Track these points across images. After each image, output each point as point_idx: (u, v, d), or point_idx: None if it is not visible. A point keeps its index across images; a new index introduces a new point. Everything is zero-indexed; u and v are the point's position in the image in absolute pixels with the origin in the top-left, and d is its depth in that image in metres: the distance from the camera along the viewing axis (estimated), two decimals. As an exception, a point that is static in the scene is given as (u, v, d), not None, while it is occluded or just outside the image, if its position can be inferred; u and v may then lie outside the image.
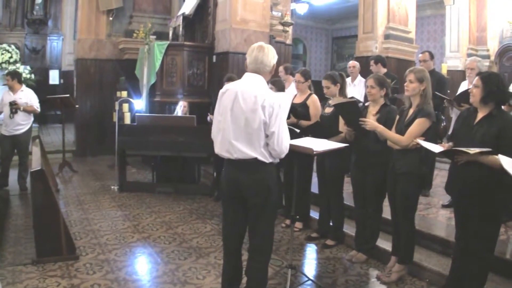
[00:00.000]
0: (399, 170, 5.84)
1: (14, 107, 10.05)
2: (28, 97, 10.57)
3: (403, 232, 5.97)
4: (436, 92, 6.27)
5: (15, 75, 10.74)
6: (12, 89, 10.52)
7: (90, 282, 5.88)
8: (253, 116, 4.54)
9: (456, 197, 5.37)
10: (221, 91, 4.95)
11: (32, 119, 10.77)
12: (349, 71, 11.13)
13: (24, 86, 10.89)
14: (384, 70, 9.99)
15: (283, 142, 4.61)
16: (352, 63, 11.27)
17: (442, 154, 5.01)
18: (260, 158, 4.63)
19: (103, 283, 5.86)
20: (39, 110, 10.84)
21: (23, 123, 10.39)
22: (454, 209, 5.47)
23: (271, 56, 4.80)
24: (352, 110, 6.26)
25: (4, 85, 10.86)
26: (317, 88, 8.09)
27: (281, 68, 10.15)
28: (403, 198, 5.87)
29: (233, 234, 5.04)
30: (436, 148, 4.99)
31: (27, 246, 6.99)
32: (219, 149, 4.86)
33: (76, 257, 6.59)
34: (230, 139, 4.70)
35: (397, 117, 6.08)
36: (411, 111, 5.82)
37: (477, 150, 4.47)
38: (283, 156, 4.73)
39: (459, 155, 4.66)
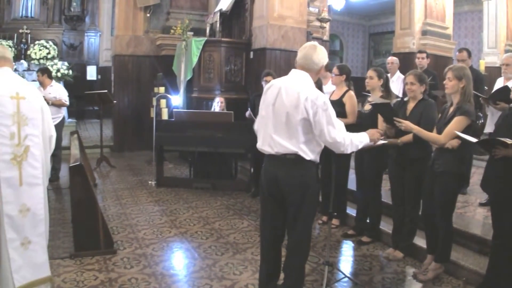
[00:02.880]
0: (438, 169, 5.78)
1: None
2: (57, 91, 10.86)
3: (441, 231, 5.91)
4: (473, 91, 6.22)
5: (45, 71, 11.03)
6: (42, 84, 10.82)
7: (127, 276, 5.93)
8: (294, 112, 4.56)
9: (491, 194, 5.32)
10: (266, 86, 5.04)
11: (62, 113, 11.10)
12: (387, 67, 11.04)
13: (53, 81, 11.16)
14: (426, 66, 10.00)
15: (335, 135, 4.58)
16: (390, 59, 11.19)
17: (479, 144, 4.98)
18: (301, 153, 4.63)
19: (140, 277, 5.90)
20: (67, 103, 11.13)
21: (53, 117, 10.34)
22: (490, 207, 5.42)
23: (321, 56, 4.81)
24: (387, 111, 6.23)
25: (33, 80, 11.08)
26: (356, 85, 8.05)
27: None
28: (442, 197, 5.80)
29: (270, 231, 5.06)
30: (473, 138, 4.95)
31: (65, 240, 7.06)
32: (261, 143, 4.92)
33: (114, 251, 6.65)
34: (271, 133, 4.75)
35: (439, 115, 6.03)
36: (451, 110, 5.76)
37: None
38: (342, 149, 4.71)
39: (496, 147, 4.60)
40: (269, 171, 4.88)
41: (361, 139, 4.90)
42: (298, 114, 4.54)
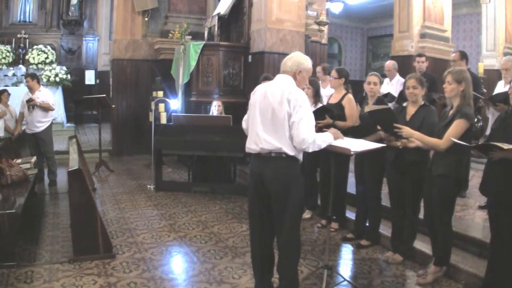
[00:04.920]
0: (436, 172, 5.79)
1: (31, 104, 10.61)
2: (44, 95, 11.05)
3: (440, 234, 5.91)
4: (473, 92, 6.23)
5: (35, 76, 11.25)
6: (31, 89, 10.99)
7: (126, 280, 5.92)
8: (279, 108, 4.77)
9: (490, 198, 5.31)
10: (252, 91, 5.22)
11: (51, 117, 11.26)
12: (386, 73, 10.98)
13: (42, 87, 11.35)
14: (425, 69, 9.96)
15: (303, 131, 4.71)
16: (388, 65, 11.06)
17: (475, 148, 4.97)
18: (285, 149, 4.79)
19: (139, 282, 5.89)
20: (54, 107, 11.28)
21: (42, 121, 10.89)
22: (488, 210, 5.41)
23: (295, 61, 5.10)
24: (386, 117, 6.19)
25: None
26: (354, 88, 8.04)
27: (319, 69, 10.15)
28: (440, 200, 5.80)
29: (259, 231, 5.18)
30: (469, 144, 4.98)
31: (64, 245, 7.07)
32: (248, 143, 5.08)
33: (113, 256, 6.64)
34: (257, 130, 4.92)
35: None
36: (451, 113, 5.76)
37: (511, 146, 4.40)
38: (304, 147, 4.79)
39: (493, 150, 4.59)
40: (254, 171, 5.03)
41: (324, 139, 4.98)
42: (282, 109, 4.75)
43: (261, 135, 4.87)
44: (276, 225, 5.03)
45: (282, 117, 4.76)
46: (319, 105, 7.94)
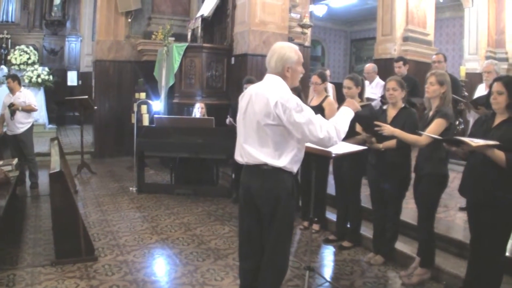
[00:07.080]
0: (422, 172, 5.91)
1: (12, 109, 10.55)
2: (26, 96, 10.99)
3: (424, 234, 6.03)
4: (453, 95, 6.25)
5: (16, 78, 11.20)
6: (12, 91, 10.94)
7: (108, 283, 5.91)
8: (266, 119, 4.34)
9: (469, 199, 5.34)
10: (240, 95, 4.88)
11: (32, 118, 11.23)
12: (365, 75, 10.96)
13: (22, 88, 11.28)
14: (405, 72, 9.96)
15: (316, 133, 4.30)
16: (367, 68, 11.07)
17: (446, 142, 4.99)
18: (270, 162, 4.41)
19: (121, 284, 5.88)
20: (37, 108, 11.32)
21: (23, 122, 10.82)
22: (467, 212, 5.44)
23: (278, 57, 4.52)
24: (367, 116, 6.21)
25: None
26: (337, 90, 8.06)
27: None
28: (424, 199, 5.94)
29: (248, 243, 4.89)
30: (440, 137, 5.01)
31: (46, 248, 7.04)
32: (235, 153, 4.77)
33: (95, 258, 6.62)
34: (241, 142, 4.62)
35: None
36: (430, 114, 5.85)
37: (480, 142, 4.43)
38: (330, 144, 4.46)
39: (464, 143, 4.58)
40: (243, 182, 4.72)
41: (344, 120, 4.67)
42: (269, 121, 4.33)
43: (246, 148, 4.54)
44: (265, 240, 4.71)
45: (268, 130, 4.35)
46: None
